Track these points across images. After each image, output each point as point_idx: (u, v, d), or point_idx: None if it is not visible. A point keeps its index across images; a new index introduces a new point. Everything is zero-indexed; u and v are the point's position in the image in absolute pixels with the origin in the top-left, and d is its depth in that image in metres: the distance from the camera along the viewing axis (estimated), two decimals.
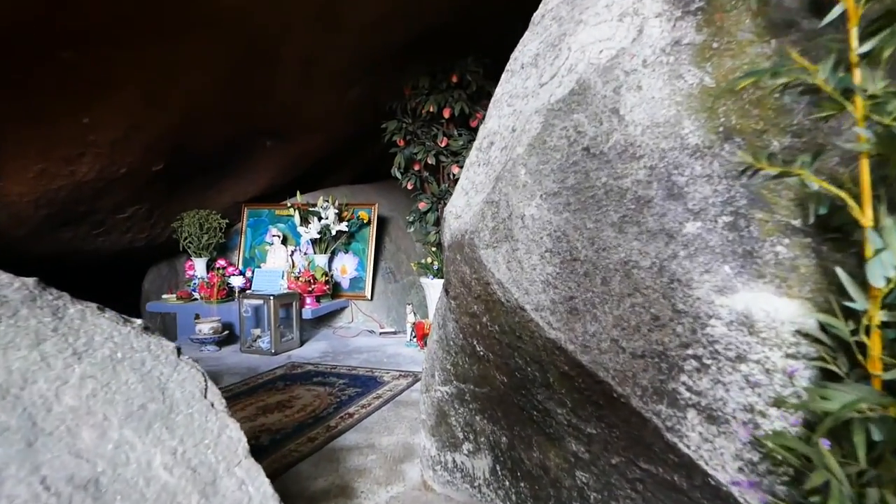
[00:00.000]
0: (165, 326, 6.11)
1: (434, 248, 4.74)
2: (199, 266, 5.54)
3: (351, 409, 3.23)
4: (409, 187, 4.76)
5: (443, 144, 4.62)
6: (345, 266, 5.66)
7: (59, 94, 3.55)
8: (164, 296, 5.58)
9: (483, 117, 5.02)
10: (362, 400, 3.40)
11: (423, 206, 4.68)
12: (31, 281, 1.52)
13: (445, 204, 4.70)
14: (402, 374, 3.96)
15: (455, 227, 1.71)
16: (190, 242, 5.43)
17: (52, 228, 4.60)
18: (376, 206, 5.76)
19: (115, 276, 6.52)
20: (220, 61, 4.03)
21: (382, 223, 5.93)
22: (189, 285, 5.57)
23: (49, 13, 3.06)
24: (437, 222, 4.74)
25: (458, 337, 1.87)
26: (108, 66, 3.54)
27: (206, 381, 1.49)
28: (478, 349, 1.77)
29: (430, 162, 4.64)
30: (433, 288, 4.66)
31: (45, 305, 1.44)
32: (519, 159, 1.47)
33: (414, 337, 4.73)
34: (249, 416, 3.14)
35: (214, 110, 4.48)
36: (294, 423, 3.02)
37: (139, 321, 1.66)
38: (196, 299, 5.42)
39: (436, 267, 4.67)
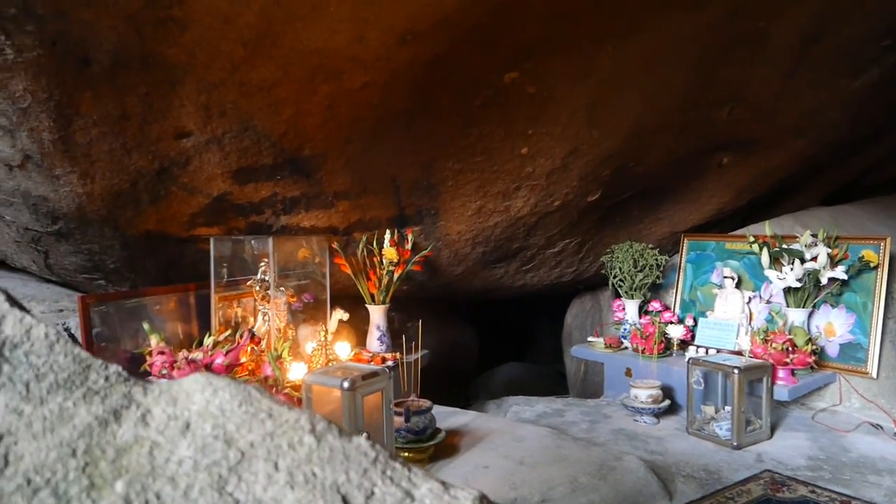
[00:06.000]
0: (586, 372, 5.47)
1: None
2: (630, 309, 4.67)
3: None
4: None
5: None
6: (832, 325, 4.00)
7: (498, 123, 3.09)
8: (590, 339, 4.89)
9: None
10: None
11: None
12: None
13: None
14: None
15: None
16: (622, 281, 4.61)
17: (486, 266, 4.35)
18: (888, 241, 3.91)
19: (536, 305, 6.25)
20: (682, 56, 3.02)
21: (890, 265, 4.03)
22: (617, 329, 4.76)
23: (494, 28, 2.53)
24: None
25: None
26: (550, 84, 2.91)
27: None
28: None
29: None
30: None
31: None
32: None
33: None
34: None
35: (665, 124, 3.50)
36: None
37: None
38: (626, 348, 4.57)
39: None
